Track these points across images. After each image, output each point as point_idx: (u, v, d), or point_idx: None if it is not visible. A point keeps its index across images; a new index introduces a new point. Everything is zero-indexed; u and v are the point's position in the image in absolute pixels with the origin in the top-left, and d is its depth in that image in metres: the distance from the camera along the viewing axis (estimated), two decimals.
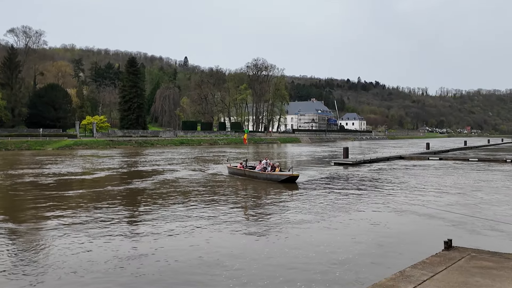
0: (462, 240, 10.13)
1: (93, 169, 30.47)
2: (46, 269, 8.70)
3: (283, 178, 21.95)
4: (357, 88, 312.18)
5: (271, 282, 7.96)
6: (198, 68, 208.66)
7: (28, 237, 11.22)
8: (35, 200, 17.03)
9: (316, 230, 12.11)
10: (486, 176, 26.17)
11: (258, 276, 8.28)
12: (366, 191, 19.56)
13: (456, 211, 14.54)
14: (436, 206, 15.73)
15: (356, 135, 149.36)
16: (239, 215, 14.21)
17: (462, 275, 6.48)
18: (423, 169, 30.61)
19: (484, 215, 13.96)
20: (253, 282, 7.97)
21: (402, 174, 27.18)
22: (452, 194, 18.83)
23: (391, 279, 6.40)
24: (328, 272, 8.52)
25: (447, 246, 8.23)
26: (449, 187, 21.08)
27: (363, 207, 15.67)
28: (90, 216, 13.79)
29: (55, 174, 26.85)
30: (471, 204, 16.33)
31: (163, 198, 17.54)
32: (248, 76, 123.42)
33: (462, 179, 24.57)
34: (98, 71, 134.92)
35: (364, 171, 29.33)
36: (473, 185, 21.93)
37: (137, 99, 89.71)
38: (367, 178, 24.77)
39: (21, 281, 8.04)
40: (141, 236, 11.31)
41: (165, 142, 75.22)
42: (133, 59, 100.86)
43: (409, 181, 23.60)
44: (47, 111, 74.66)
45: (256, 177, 23.51)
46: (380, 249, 10.17)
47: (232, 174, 26.18)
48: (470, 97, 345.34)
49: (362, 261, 9.21)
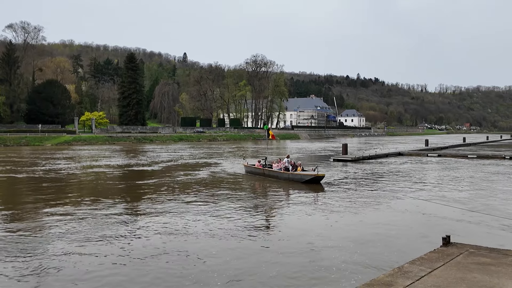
0: (461, 236, 10.14)
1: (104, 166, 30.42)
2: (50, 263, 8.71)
3: (307, 178, 20.40)
4: (356, 85, 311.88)
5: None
6: (197, 64, 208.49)
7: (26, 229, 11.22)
8: (35, 195, 17.02)
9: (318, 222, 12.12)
10: (484, 173, 26.18)
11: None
12: (364, 187, 19.58)
13: (455, 207, 14.56)
14: (435, 202, 15.75)
15: (355, 131, 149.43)
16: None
17: (460, 271, 6.48)
18: (422, 166, 30.63)
19: (485, 210, 13.96)
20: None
21: (401, 171, 27.18)
22: (451, 190, 18.83)
23: (389, 275, 6.40)
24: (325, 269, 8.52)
25: (445, 242, 8.23)
26: (448, 183, 21.09)
27: (364, 205, 15.68)
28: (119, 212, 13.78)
29: (52, 171, 26.82)
30: (471, 200, 16.33)
31: (176, 200, 16.71)
32: (247, 72, 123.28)
33: (461, 175, 24.57)
34: (97, 67, 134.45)
35: (364, 167, 29.34)
36: (472, 181, 21.93)
37: (136, 95, 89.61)
38: (366, 175, 24.78)
39: (24, 284, 8.03)
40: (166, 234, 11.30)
41: (164, 138, 75.16)
42: (132, 55, 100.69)
43: (409, 177, 23.60)
44: (46, 107, 74.53)
45: (277, 177, 21.88)
46: (377, 246, 10.18)
47: (250, 173, 24.44)
48: (469, 94, 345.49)
49: (361, 259, 9.21)
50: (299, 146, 65.31)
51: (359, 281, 7.65)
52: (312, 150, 52.63)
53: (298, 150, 53.10)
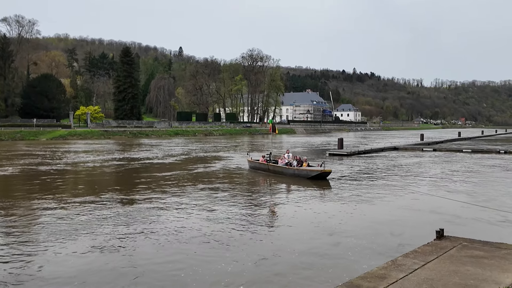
0: (455, 229, 10.19)
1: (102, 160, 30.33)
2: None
3: (313, 174, 20.03)
4: (353, 79, 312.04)
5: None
6: (193, 59, 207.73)
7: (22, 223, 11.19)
8: (29, 190, 16.97)
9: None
10: (480, 166, 26.31)
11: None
12: (360, 182, 19.64)
13: (451, 199, 14.63)
14: (432, 195, 15.81)
15: (351, 126, 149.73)
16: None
17: (453, 264, 6.53)
18: (418, 160, 30.74)
19: (481, 203, 14.03)
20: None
21: (396, 165, 27.28)
22: (448, 183, 18.93)
23: (382, 267, 6.44)
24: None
25: (439, 236, 8.28)
26: (444, 177, 21.18)
27: (359, 198, 15.73)
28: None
29: (45, 164, 26.72)
30: (468, 193, 16.41)
31: (180, 196, 16.08)
32: (243, 66, 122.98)
33: (456, 169, 24.68)
34: (92, 61, 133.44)
35: (359, 162, 29.42)
36: (468, 175, 22.04)
37: (132, 90, 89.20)
38: (362, 169, 24.85)
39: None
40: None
41: (160, 133, 75.01)
42: (128, 49, 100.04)
43: (404, 171, 23.69)
44: (41, 101, 74.07)
45: (282, 173, 21.59)
46: (371, 238, 10.22)
47: (254, 169, 24.15)
48: (465, 89, 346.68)
49: (355, 252, 9.24)
50: (295, 140, 65.37)
51: (353, 275, 7.68)
52: (308, 145, 52.67)
53: (293, 144, 53.14)
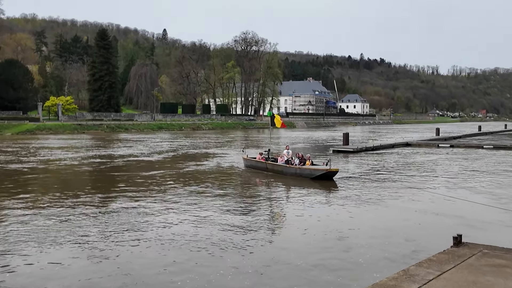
0: (474, 234, 10.25)
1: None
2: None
3: (318, 174, 19.74)
4: (360, 66, 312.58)
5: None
6: (178, 42, 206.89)
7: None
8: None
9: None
10: (503, 165, 26.47)
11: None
12: (368, 182, 19.72)
13: (470, 201, 14.72)
14: (449, 196, 15.91)
15: (358, 119, 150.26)
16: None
17: (472, 274, 6.56)
18: (433, 158, 30.88)
19: (504, 206, 14.10)
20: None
21: (409, 163, 27.41)
22: (467, 184, 19.04)
23: (393, 278, 6.46)
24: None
25: (457, 242, 8.31)
26: (463, 176, 21.30)
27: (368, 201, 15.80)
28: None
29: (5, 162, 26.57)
30: (487, 194, 16.51)
31: (171, 198, 16.16)
32: (236, 52, 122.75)
33: (477, 167, 24.81)
34: (63, 45, 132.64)
35: (367, 159, 29.51)
36: (490, 174, 22.16)
37: (109, 78, 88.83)
38: (370, 168, 24.93)
39: None
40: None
41: (141, 127, 74.82)
42: (104, 31, 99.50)
43: (419, 170, 23.80)
44: (5, 90, 73.37)
45: (282, 172, 21.49)
46: (384, 245, 10.27)
47: (250, 168, 24.16)
48: (486, 77, 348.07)
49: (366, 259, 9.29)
50: (295, 135, 65.50)
51: (361, 285, 7.73)
52: (310, 140, 52.76)
53: (294, 140, 53.22)
